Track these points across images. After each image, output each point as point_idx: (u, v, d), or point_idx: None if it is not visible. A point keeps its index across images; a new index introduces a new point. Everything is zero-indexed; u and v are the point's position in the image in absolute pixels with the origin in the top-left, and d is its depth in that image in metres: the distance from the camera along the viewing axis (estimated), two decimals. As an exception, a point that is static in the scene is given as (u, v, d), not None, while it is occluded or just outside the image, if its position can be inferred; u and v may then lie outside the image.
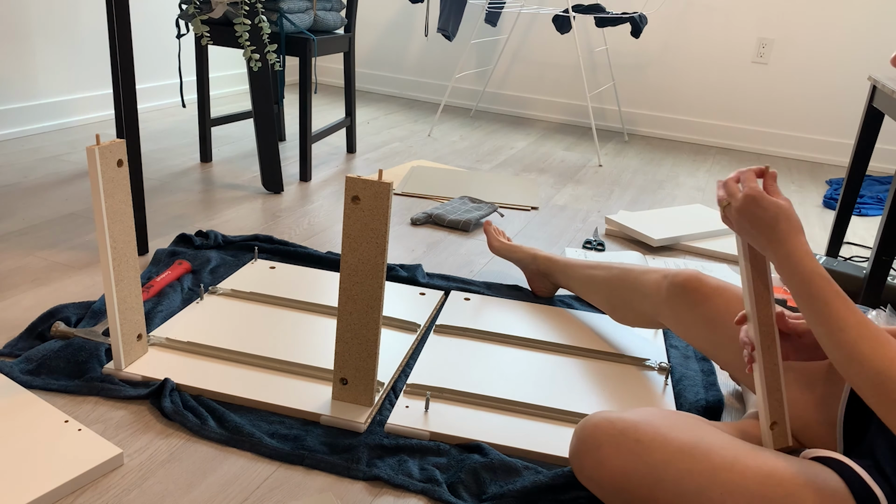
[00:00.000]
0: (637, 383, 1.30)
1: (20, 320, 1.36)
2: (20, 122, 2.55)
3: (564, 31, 3.05)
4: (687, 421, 0.91)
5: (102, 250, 1.11)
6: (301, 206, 2.12)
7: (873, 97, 1.86)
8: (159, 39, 3.08)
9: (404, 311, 1.49)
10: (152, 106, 3.12)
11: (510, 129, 3.43)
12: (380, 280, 1.08)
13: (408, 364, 1.31)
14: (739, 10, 3.27)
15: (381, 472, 1.03)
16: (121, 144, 1.10)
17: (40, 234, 1.76)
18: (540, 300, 1.62)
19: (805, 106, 3.30)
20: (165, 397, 1.13)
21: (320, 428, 1.11)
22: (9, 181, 2.11)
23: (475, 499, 1.00)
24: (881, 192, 2.79)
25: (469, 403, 1.20)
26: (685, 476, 0.84)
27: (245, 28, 2.01)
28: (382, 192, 1.04)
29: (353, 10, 2.56)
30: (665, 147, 3.36)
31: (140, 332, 1.22)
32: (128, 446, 1.05)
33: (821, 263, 1.81)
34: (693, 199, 2.55)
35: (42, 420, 1.05)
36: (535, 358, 1.36)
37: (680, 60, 3.42)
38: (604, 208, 2.35)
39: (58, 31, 2.62)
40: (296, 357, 1.28)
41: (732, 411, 1.28)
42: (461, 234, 2.00)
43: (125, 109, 1.54)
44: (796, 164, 3.26)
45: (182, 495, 0.97)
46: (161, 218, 1.93)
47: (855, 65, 3.19)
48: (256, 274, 1.59)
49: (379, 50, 3.95)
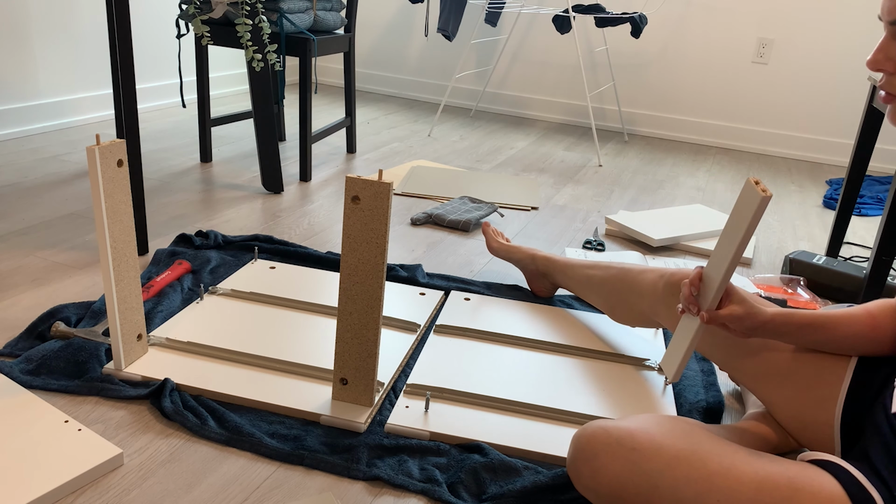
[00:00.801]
0: (637, 383, 1.30)
1: (20, 320, 1.36)
2: (20, 122, 2.55)
3: (564, 31, 3.05)
4: (683, 427, 0.91)
5: (102, 250, 1.11)
6: (301, 206, 2.12)
7: (873, 97, 1.86)
8: (159, 39, 3.08)
9: (404, 311, 1.49)
10: (152, 106, 3.12)
11: (510, 129, 3.43)
12: (380, 280, 1.08)
13: (408, 364, 1.31)
14: (739, 10, 3.27)
15: (381, 473, 1.03)
16: (121, 144, 1.10)
17: (40, 234, 1.76)
18: (540, 300, 1.62)
19: (805, 106, 3.30)
20: (165, 397, 1.13)
21: (320, 428, 1.11)
22: (9, 181, 2.11)
23: (475, 499, 1.00)
24: (881, 192, 2.79)
25: (469, 403, 1.20)
26: (682, 483, 0.84)
27: (247, 28, 2.01)
28: (382, 192, 1.04)
29: (353, 10, 2.56)
30: (665, 147, 3.36)
31: (140, 332, 1.22)
32: (128, 446, 1.05)
33: (821, 263, 1.81)
34: (693, 199, 2.55)
35: (42, 420, 1.05)
36: (534, 358, 1.36)
37: (680, 60, 3.42)
38: (604, 208, 2.35)
39: (58, 31, 2.62)
40: (296, 357, 1.28)
41: (732, 411, 1.28)
42: (461, 234, 2.00)
43: (125, 109, 1.54)
44: (796, 164, 3.26)
45: (182, 495, 0.97)
46: (161, 218, 1.93)
47: (855, 65, 3.19)
48: (256, 274, 1.59)
49: (379, 50, 3.95)
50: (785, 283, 1.79)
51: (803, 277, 1.81)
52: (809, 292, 1.75)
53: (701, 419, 1.22)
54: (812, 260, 1.83)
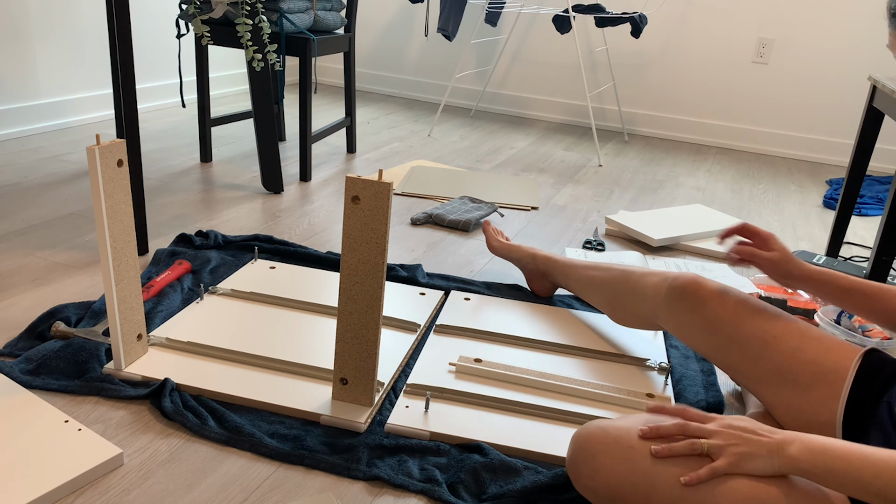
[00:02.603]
0: (637, 383, 1.30)
1: (20, 320, 1.36)
2: (20, 122, 2.55)
3: (564, 31, 3.05)
4: None
5: (102, 250, 1.11)
6: (301, 206, 2.12)
7: (873, 97, 1.86)
8: (159, 39, 3.08)
9: (404, 311, 1.49)
10: (152, 106, 3.12)
11: (510, 129, 3.43)
12: (380, 280, 1.08)
13: (408, 364, 1.31)
14: (739, 10, 3.27)
15: (381, 472, 1.03)
16: (121, 144, 1.10)
17: (40, 234, 1.76)
18: (540, 300, 1.62)
19: (805, 106, 3.30)
20: (165, 397, 1.13)
21: (320, 428, 1.11)
22: (9, 181, 2.11)
23: (475, 499, 1.00)
24: (881, 192, 2.79)
25: (469, 403, 1.20)
26: (679, 480, 0.84)
27: (247, 28, 2.01)
28: (382, 192, 1.04)
29: (353, 10, 2.56)
30: (665, 147, 3.36)
31: (140, 332, 1.22)
32: (128, 446, 1.05)
33: (821, 263, 1.81)
34: (693, 199, 2.55)
35: (42, 420, 1.05)
36: (534, 358, 1.36)
37: (680, 60, 3.42)
38: (604, 208, 2.35)
39: (58, 31, 2.62)
40: (296, 357, 1.28)
41: (732, 411, 1.28)
42: (461, 234, 2.00)
43: (125, 109, 1.54)
44: (796, 164, 3.26)
45: (182, 495, 0.97)
46: (161, 218, 1.93)
47: (855, 65, 3.19)
48: (256, 274, 1.59)
49: (379, 50, 3.95)
50: (785, 283, 1.79)
51: (803, 277, 1.80)
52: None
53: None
54: (812, 260, 1.83)
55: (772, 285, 1.79)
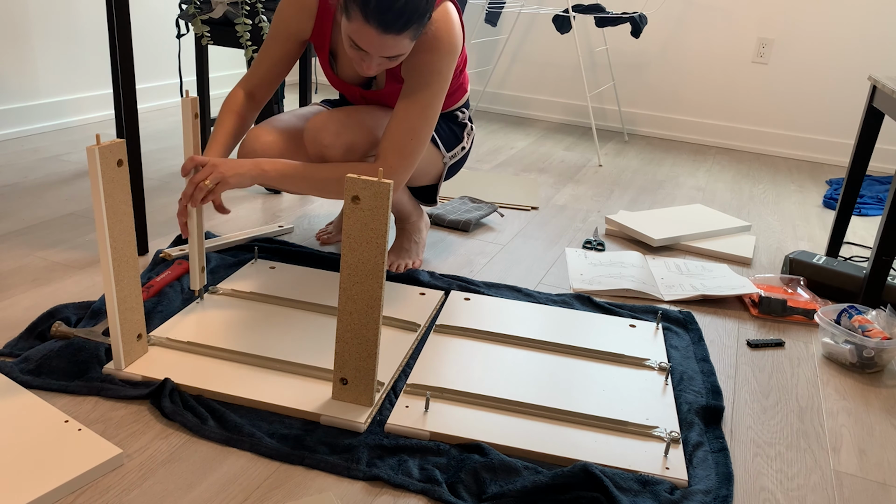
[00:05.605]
0: (637, 383, 1.30)
1: (20, 320, 1.36)
2: (20, 122, 2.55)
3: (564, 31, 3.05)
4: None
5: (102, 250, 1.11)
6: (301, 206, 2.12)
7: (873, 97, 1.86)
8: (159, 39, 3.08)
9: (404, 311, 1.49)
10: (152, 106, 3.12)
11: (510, 129, 3.43)
12: (380, 280, 1.08)
13: (408, 364, 1.31)
14: (739, 10, 3.27)
15: (380, 472, 1.03)
16: (121, 144, 1.10)
17: (40, 234, 1.76)
18: (540, 300, 1.61)
19: (805, 106, 3.30)
20: (165, 397, 1.13)
21: (320, 428, 1.11)
22: (9, 181, 2.11)
23: (475, 499, 1.00)
24: (881, 192, 2.79)
25: (469, 403, 1.20)
26: None
27: (246, 28, 2.01)
28: (382, 192, 1.04)
29: (353, 10, 2.55)
30: (665, 147, 3.36)
31: (140, 332, 1.22)
32: (128, 446, 1.05)
33: (821, 263, 1.81)
34: (693, 199, 2.55)
35: (42, 420, 1.05)
36: (535, 358, 1.36)
37: (680, 60, 3.42)
38: (604, 208, 2.35)
39: (58, 31, 2.62)
40: (296, 357, 1.28)
41: (732, 411, 1.28)
42: (461, 234, 2.00)
43: (125, 109, 1.54)
44: (796, 164, 3.26)
45: (182, 495, 0.97)
46: (161, 218, 1.93)
47: (855, 65, 3.19)
48: (256, 274, 1.59)
49: (379, 50, 3.94)
50: (785, 283, 1.79)
51: (803, 277, 1.81)
52: (809, 292, 1.75)
53: (701, 420, 1.22)
54: (812, 260, 1.83)
55: (772, 285, 1.79)
